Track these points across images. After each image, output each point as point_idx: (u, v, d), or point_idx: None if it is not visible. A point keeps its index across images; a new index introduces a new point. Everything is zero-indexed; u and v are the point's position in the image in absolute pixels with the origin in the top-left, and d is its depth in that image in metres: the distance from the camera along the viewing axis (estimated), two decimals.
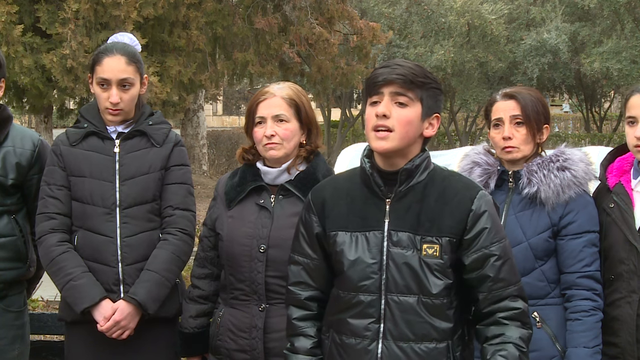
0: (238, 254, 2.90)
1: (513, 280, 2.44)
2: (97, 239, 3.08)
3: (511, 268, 2.45)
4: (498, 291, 2.42)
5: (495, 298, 2.42)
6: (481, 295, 2.43)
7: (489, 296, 2.42)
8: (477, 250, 2.41)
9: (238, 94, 38.77)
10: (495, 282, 2.41)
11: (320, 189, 2.62)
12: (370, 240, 2.45)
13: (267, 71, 15.54)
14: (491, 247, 2.41)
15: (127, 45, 3.19)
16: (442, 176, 2.49)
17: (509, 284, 2.43)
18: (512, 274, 2.45)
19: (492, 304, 2.42)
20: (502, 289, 2.42)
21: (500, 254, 2.42)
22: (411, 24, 23.21)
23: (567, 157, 2.99)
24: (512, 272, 2.45)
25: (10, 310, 3.29)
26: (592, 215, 2.96)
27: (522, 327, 2.42)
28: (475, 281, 2.43)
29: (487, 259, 2.41)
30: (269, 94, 2.92)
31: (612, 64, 22.14)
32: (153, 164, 3.15)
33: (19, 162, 3.26)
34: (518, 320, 2.42)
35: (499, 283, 2.42)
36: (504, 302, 2.42)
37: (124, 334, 3.06)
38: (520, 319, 2.42)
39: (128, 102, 3.14)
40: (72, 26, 12.20)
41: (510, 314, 2.41)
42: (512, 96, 3.01)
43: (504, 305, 2.42)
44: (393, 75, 2.40)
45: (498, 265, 2.41)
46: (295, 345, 2.55)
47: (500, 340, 2.39)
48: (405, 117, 2.41)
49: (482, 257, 2.41)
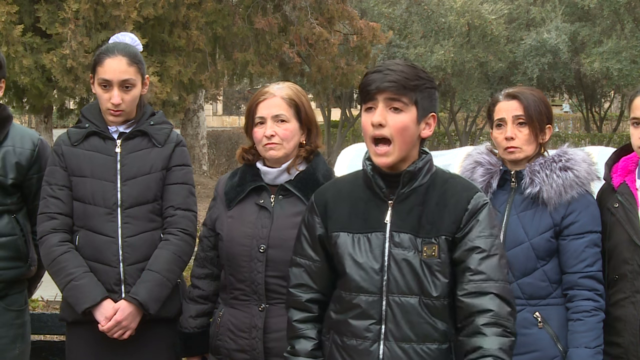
0: (238, 254, 2.90)
1: (495, 276, 2.35)
2: (99, 239, 3.08)
3: (497, 266, 2.37)
4: (477, 283, 2.34)
5: (474, 290, 2.34)
6: (460, 288, 2.36)
7: (466, 286, 2.35)
8: (464, 243, 2.38)
9: (238, 94, 38.79)
10: (474, 273, 2.35)
11: (323, 191, 2.61)
12: (372, 241, 2.44)
13: (267, 71, 15.51)
14: (476, 240, 2.38)
15: (129, 46, 3.18)
16: (443, 179, 2.49)
17: (489, 279, 2.34)
18: (496, 271, 2.36)
19: (470, 296, 2.34)
20: (481, 281, 2.34)
21: (485, 247, 2.37)
22: (411, 24, 23.21)
23: (569, 157, 2.99)
24: (496, 270, 2.36)
25: (11, 309, 3.30)
26: (594, 216, 2.95)
27: (503, 335, 2.31)
28: (459, 275, 2.38)
29: (471, 250, 2.37)
30: (269, 94, 2.92)
31: (612, 64, 22.14)
32: (154, 164, 3.15)
33: (18, 162, 3.26)
34: (498, 325, 2.31)
35: (478, 275, 2.35)
36: (482, 299, 2.33)
37: (125, 334, 3.06)
38: (501, 323, 2.32)
39: (129, 102, 3.14)
40: (72, 26, 12.16)
41: (490, 318, 2.31)
42: (514, 96, 3.00)
43: (481, 304, 2.32)
44: (385, 83, 2.37)
45: (480, 258, 2.36)
46: (296, 347, 2.55)
47: (480, 354, 2.30)
48: (401, 122, 2.39)
49: (467, 249, 2.38)
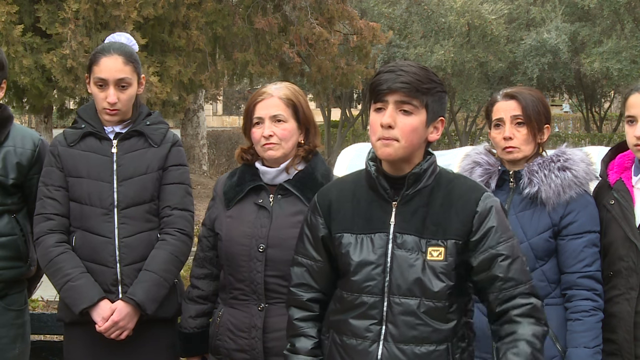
0: (237, 254, 2.89)
1: (523, 279, 2.41)
2: (95, 239, 3.08)
3: (521, 267, 2.42)
4: (508, 290, 2.39)
5: (506, 297, 2.39)
6: (492, 296, 2.41)
7: (499, 296, 2.40)
8: (485, 250, 2.39)
9: (238, 94, 38.81)
10: (504, 281, 2.39)
11: (326, 191, 2.60)
12: (375, 242, 2.44)
13: (267, 71, 15.52)
14: (498, 247, 2.39)
15: (125, 45, 3.18)
16: (447, 179, 2.48)
17: (519, 283, 2.40)
18: (522, 272, 2.42)
19: (503, 302, 2.40)
20: (512, 288, 2.39)
21: (508, 253, 2.40)
22: (411, 24, 23.21)
23: (568, 157, 2.99)
24: (521, 271, 2.41)
25: (10, 309, 3.29)
26: (593, 216, 2.95)
27: (536, 324, 2.38)
28: (485, 282, 2.42)
29: (495, 258, 2.39)
30: (267, 95, 2.92)
31: (612, 64, 22.14)
32: (151, 164, 3.15)
33: (19, 162, 3.26)
34: (532, 316, 2.38)
35: (508, 282, 2.39)
36: (516, 300, 2.39)
37: (123, 334, 3.05)
38: (534, 314, 2.39)
39: (125, 102, 3.13)
40: (72, 26, 12.17)
41: (524, 310, 2.38)
42: (513, 96, 3.00)
43: (516, 303, 2.39)
44: (397, 84, 2.36)
45: (506, 265, 2.39)
46: (296, 345, 2.55)
47: (513, 339, 2.36)
48: (410, 125, 2.38)
49: (489, 257, 2.39)
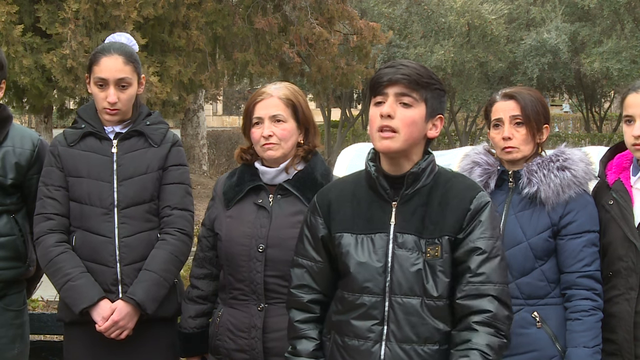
0: (237, 254, 2.89)
1: (495, 279, 2.36)
2: (95, 239, 3.08)
3: (497, 267, 2.37)
4: (475, 285, 2.35)
5: (471, 292, 2.34)
6: (458, 288, 2.37)
7: (464, 288, 2.35)
8: (465, 244, 2.38)
9: (238, 94, 38.80)
10: (474, 274, 2.36)
11: (326, 192, 2.61)
12: (375, 242, 2.44)
13: (267, 71, 15.52)
14: (478, 241, 2.38)
15: (125, 45, 3.19)
16: (446, 178, 2.49)
17: (488, 281, 2.35)
18: (496, 273, 2.37)
19: (466, 298, 2.34)
20: (480, 283, 2.35)
21: (485, 248, 2.37)
22: (411, 24, 23.20)
23: (567, 157, 2.98)
24: (496, 272, 2.37)
25: (9, 309, 3.29)
26: (592, 215, 2.95)
27: (495, 335, 2.32)
28: (459, 275, 2.38)
29: (472, 251, 2.37)
30: (266, 95, 2.92)
31: (612, 64, 22.13)
32: (151, 164, 3.15)
33: (18, 162, 3.26)
34: (492, 326, 2.32)
35: (477, 277, 2.35)
36: (480, 301, 2.34)
37: (123, 334, 3.06)
38: (494, 325, 2.33)
39: (125, 102, 3.14)
40: (72, 26, 12.17)
41: (484, 317, 2.32)
42: (511, 96, 3.00)
43: (479, 305, 2.33)
44: (398, 76, 2.39)
45: (480, 259, 2.36)
46: (298, 348, 2.54)
47: (466, 347, 2.31)
48: (410, 117, 2.40)
49: (468, 249, 2.38)
